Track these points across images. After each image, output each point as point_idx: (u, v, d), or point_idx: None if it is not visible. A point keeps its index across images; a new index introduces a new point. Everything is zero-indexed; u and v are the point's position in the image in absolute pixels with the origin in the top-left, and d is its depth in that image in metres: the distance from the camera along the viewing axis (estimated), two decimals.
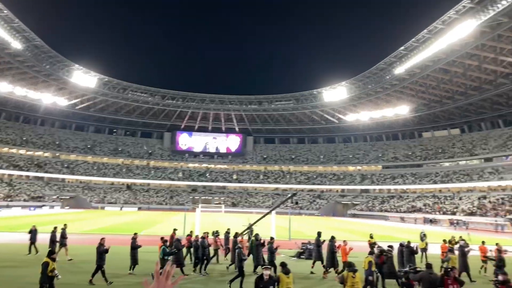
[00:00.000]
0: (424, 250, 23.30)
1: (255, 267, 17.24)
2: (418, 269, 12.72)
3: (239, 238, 19.52)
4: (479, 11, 58.78)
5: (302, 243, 25.41)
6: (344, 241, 18.80)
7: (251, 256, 18.07)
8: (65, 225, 22.07)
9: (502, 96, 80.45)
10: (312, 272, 18.30)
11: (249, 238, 28.07)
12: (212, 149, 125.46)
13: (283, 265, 11.04)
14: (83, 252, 21.98)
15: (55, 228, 20.96)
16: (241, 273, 14.45)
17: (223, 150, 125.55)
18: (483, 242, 20.76)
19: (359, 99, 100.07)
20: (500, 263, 16.01)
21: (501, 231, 53.91)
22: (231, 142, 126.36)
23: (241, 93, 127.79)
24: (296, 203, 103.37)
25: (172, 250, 16.59)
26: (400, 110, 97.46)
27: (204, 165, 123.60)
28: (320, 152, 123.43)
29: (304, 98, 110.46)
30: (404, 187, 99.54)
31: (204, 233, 19.88)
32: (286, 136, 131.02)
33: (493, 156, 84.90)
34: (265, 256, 17.71)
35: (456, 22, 61.76)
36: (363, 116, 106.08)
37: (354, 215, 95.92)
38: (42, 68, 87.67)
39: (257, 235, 17.97)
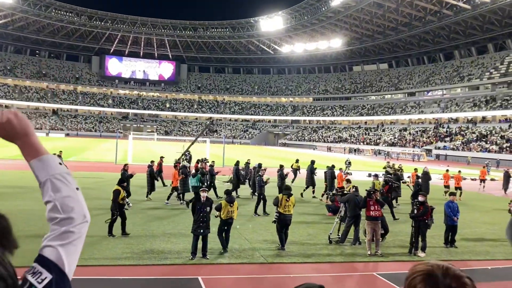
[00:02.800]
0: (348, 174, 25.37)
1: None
2: (345, 191, 13.79)
3: (202, 164, 19.96)
4: None
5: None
6: (340, 169, 21.51)
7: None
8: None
9: (429, 33, 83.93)
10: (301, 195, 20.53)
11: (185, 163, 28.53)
12: (144, 76, 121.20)
13: (287, 187, 11.95)
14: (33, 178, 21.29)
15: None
16: (261, 199, 16.00)
17: (155, 77, 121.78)
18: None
19: (295, 30, 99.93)
20: (417, 187, 17.75)
21: (417, 160, 58.61)
22: (164, 69, 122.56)
23: (175, 18, 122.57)
24: (215, 131, 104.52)
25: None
26: (334, 43, 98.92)
27: (136, 92, 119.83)
28: (254, 83, 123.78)
29: (240, 26, 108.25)
30: (333, 118, 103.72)
31: (212, 161, 21.48)
32: (222, 65, 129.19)
33: (416, 91, 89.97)
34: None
35: None
36: (298, 48, 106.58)
37: (284, 144, 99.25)
38: None
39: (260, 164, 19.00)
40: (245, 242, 11.71)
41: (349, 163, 34.44)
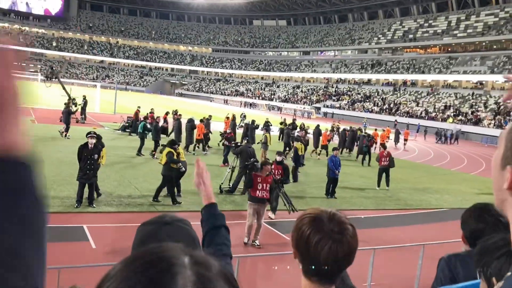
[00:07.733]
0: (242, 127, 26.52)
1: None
2: (238, 144, 14.09)
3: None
4: None
5: (128, 117, 25.37)
6: (326, 129, 24.82)
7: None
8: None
9: None
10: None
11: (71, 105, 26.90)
12: (27, 9, 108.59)
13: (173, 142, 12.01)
14: None
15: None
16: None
17: (40, 11, 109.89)
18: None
19: None
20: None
21: (307, 117, 61.59)
22: (51, 4, 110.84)
23: None
24: (52, 78, 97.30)
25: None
26: None
27: (17, 26, 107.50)
28: (152, 28, 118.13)
29: None
30: (231, 71, 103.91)
31: (209, 115, 23.32)
32: (116, 5, 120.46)
33: (310, 50, 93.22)
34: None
35: None
36: None
37: (181, 95, 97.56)
38: None
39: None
40: (135, 191, 11.52)
41: (244, 116, 35.21)
